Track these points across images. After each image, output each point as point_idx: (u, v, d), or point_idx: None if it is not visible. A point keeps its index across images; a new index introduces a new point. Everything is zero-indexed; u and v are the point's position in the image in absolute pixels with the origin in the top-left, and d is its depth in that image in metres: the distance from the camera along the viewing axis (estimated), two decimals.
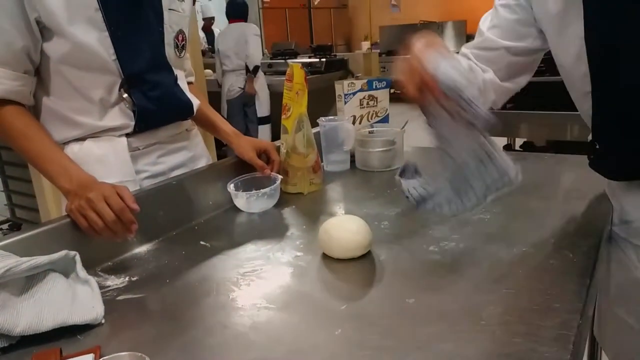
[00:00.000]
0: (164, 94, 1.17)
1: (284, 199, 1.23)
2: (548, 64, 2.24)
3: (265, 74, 4.90)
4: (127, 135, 1.15)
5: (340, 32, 10.09)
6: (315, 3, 9.01)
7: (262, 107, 4.70)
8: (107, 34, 1.05)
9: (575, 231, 0.95)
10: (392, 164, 1.44)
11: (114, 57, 1.07)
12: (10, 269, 0.72)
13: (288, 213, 1.18)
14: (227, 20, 4.78)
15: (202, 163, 1.34)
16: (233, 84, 4.62)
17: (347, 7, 10.27)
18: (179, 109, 1.23)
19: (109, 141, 1.13)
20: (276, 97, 4.73)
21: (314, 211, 1.19)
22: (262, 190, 1.18)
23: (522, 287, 0.77)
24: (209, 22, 6.07)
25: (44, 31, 1.03)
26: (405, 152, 1.50)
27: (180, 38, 1.21)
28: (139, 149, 1.18)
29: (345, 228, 0.92)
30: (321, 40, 8.78)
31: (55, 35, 1.02)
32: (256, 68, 4.58)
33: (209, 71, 4.94)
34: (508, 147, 3.13)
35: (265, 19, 8.16)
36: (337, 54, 6.40)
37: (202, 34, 6.18)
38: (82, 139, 1.12)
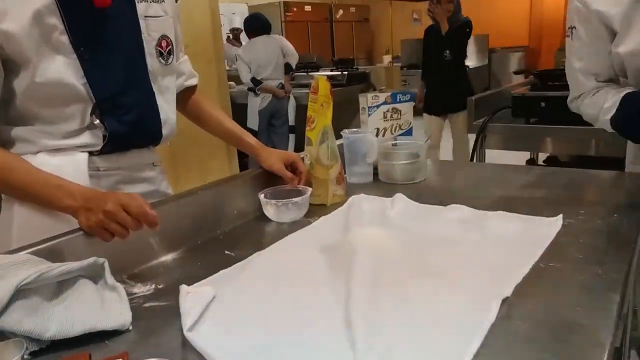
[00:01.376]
0: (138, 117, 1.11)
1: (308, 210, 1.24)
2: None
3: None
4: (91, 153, 1.08)
5: (361, 46, 10.14)
6: (337, 17, 9.08)
7: (291, 115, 4.79)
8: (74, 56, 0.99)
9: (603, 247, 0.94)
10: (416, 177, 1.44)
11: (83, 80, 1.01)
12: (42, 274, 0.74)
13: (310, 224, 1.18)
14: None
15: None
16: (265, 96, 4.69)
17: (369, 21, 10.33)
18: (152, 133, 1.17)
19: (67, 155, 1.05)
20: (299, 109, 4.77)
21: None
22: (294, 200, 1.19)
23: (549, 301, 0.76)
24: (235, 33, 6.17)
25: (7, 63, 0.96)
26: (428, 166, 1.49)
27: (164, 44, 1.14)
28: (99, 170, 1.10)
29: None
30: (343, 54, 8.84)
31: (19, 66, 0.97)
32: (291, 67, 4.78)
33: (232, 83, 4.99)
34: (531, 162, 3.10)
35: (288, 33, 8.25)
36: (358, 67, 6.44)
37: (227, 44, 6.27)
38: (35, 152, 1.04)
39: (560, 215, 1.05)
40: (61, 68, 0.98)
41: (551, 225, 1.02)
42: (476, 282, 0.82)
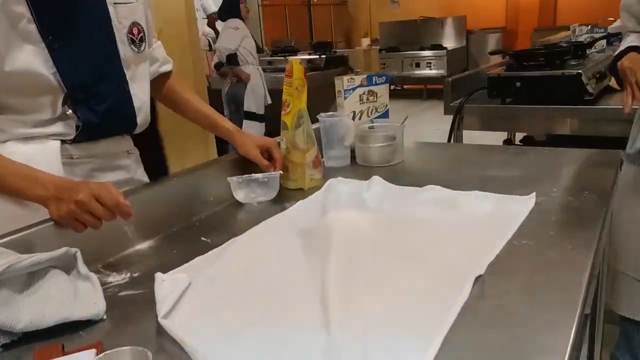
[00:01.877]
0: (112, 106, 1.09)
1: (285, 195, 1.23)
2: (548, 58, 2.23)
3: (265, 71, 4.90)
4: (64, 141, 1.06)
5: (340, 29, 10.08)
6: (315, 0, 9.00)
7: (249, 101, 4.64)
8: (43, 45, 0.97)
9: (574, 223, 0.95)
10: (392, 159, 1.44)
11: (53, 70, 0.99)
12: (11, 266, 0.72)
13: (287, 208, 1.18)
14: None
15: None
16: (226, 82, 4.63)
17: (347, 4, 10.25)
18: (126, 122, 1.16)
19: (39, 143, 1.04)
20: (276, 94, 4.71)
21: None
22: (258, 176, 1.20)
23: (522, 278, 0.77)
24: (212, 18, 6.08)
25: None
26: (406, 148, 1.50)
27: (135, 31, 1.12)
28: (73, 158, 1.09)
29: None
30: (321, 37, 8.79)
31: None
32: (228, 58, 4.52)
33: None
34: (508, 142, 3.13)
35: (265, 16, 8.16)
36: (337, 50, 6.41)
37: (209, 30, 6.17)
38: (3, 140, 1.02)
39: (534, 194, 1.06)
40: (30, 57, 0.97)
41: (524, 204, 1.03)
42: (450, 261, 0.83)
